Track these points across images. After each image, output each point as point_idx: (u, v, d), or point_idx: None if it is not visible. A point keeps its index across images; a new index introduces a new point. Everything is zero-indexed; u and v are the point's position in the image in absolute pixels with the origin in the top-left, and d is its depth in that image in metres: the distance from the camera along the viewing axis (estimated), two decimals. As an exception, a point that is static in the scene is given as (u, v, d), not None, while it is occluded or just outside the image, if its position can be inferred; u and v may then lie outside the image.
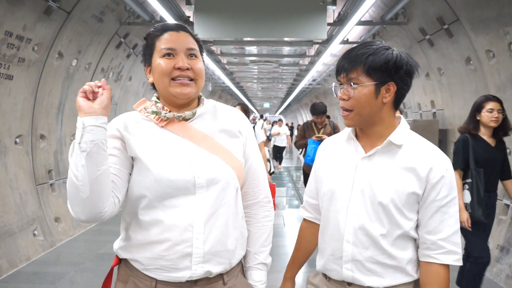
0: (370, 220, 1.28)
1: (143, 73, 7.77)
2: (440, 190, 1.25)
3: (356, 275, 1.30)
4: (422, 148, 1.30)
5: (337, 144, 1.43)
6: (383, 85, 1.26)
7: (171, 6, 5.15)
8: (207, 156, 1.28)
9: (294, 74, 13.10)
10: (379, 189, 1.28)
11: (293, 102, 24.51)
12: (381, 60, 1.24)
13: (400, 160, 1.28)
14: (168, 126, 1.30)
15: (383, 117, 1.30)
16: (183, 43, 1.27)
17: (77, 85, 5.29)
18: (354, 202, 1.31)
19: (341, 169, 1.36)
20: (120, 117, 1.33)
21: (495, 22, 3.89)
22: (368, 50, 1.26)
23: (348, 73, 1.27)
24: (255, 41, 6.84)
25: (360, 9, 4.51)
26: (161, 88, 1.29)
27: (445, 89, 5.41)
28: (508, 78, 3.96)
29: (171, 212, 1.24)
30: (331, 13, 5.47)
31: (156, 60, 1.28)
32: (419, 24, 5.34)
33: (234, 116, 1.39)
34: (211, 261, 1.26)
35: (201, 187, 1.25)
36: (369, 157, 1.31)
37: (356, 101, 1.27)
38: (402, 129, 1.32)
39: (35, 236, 4.39)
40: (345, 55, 1.30)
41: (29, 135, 4.50)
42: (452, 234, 1.27)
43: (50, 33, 4.33)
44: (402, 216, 1.27)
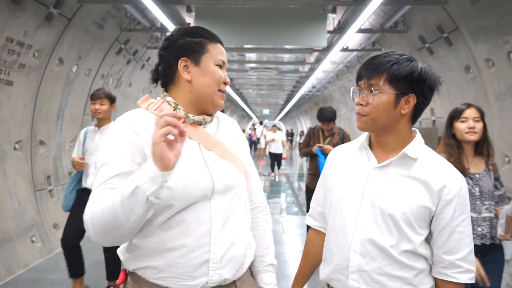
0: (379, 231, 1.27)
1: (143, 79, 7.78)
2: (456, 209, 1.25)
3: (362, 286, 1.29)
4: (437, 163, 1.29)
5: (349, 152, 1.42)
6: (403, 95, 1.25)
7: (172, 13, 5.18)
8: (222, 162, 1.27)
9: (294, 81, 13.13)
10: (391, 200, 1.26)
11: (293, 109, 24.55)
12: (406, 70, 1.24)
13: (414, 173, 1.27)
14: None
15: (399, 129, 1.29)
16: (226, 60, 1.33)
17: (77, 91, 5.30)
18: (364, 212, 1.29)
19: (352, 178, 1.34)
20: (126, 119, 1.24)
21: (495, 31, 3.91)
22: (392, 58, 1.25)
23: (370, 79, 1.26)
24: (255, 48, 6.86)
25: (360, 17, 4.53)
26: (206, 93, 1.27)
27: (445, 97, 5.43)
28: (507, 86, 3.98)
29: (187, 217, 1.20)
30: (331, 21, 5.50)
31: (212, 66, 1.27)
32: (419, 32, 5.37)
33: (235, 125, 1.43)
34: (226, 266, 1.23)
35: (218, 193, 1.24)
36: (381, 168, 1.30)
37: (374, 107, 1.26)
38: (417, 142, 1.30)
39: (33, 242, 4.37)
40: (368, 62, 1.29)
41: (28, 141, 4.50)
42: (469, 254, 1.28)
43: (51, 40, 4.35)
44: (412, 230, 1.26)
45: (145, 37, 6.52)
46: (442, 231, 1.27)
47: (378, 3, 4.02)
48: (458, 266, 1.27)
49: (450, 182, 1.25)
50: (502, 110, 4.15)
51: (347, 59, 8.28)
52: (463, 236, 1.27)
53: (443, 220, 1.26)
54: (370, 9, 4.21)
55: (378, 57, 1.28)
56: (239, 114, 29.41)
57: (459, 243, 1.26)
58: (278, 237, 5.60)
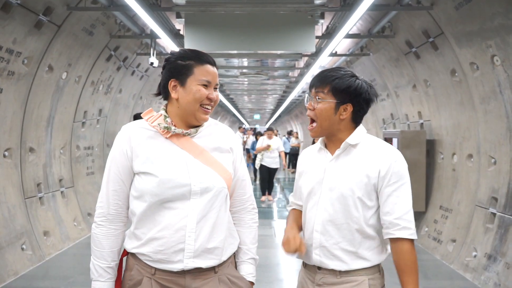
0: (334, 211, 1.55)
1: (133, 86, 7.83)
2: (390, 178, 1.52)
3: (323, 259, 1.56)
4: (374, 145, 1.58)
5: (312, 153, 1.71)
6: (342, 104, 1.55)
7: (162, 20, 5.21)
8: (203, 168, 1.51)
9: (284, 86, 13.18)
10: (341, 183, 1.54)
11: (283, 114, 24.64)
12: (345, 84, 1.54)
13: (357, 156, 1.56)
14: (172, 138, 1.53)
15: (341, 130, 1.59)
16: (215, 79, 1.55)
17: (67, 98, 5.29)
18: (323, 198, 1.58)
19: (315, 173, 1.63)
20: (127, 133, 1.54)
21: (478, 36, 4.00)
22: (336, 74, 1.56)
23: (317, 88, 1.57)
24: (245, 53, 6.91)
25: (347, 23, 4.60)
26: (189, 109, 1.51)
27: (432, 100, 5.52)
28: (492, 89, 4.07)
29: (168, 213, 1.47)
30: (319, 26, 5.57)
31: (195, 86, 1.50)
32: (405, 37, 5.46)
33: (227, 134, 1.63)
34: (200, 256, 1.48)
35: (195, 194, 1.48)
36: (334, 160, 1.59)
37: (319, 113, 1.56)
38: (357, 132, 1.59)
39: (24, 250, 4.33)
40: (318, 74, 1.60)
41: (18, 148, 4.48)
42: (405, 213, 1.51)
43: (40, 47, 4.35)
44: (362, 205, 1.53)
45: (135, 44, 6.53)
46: (382, 197, 1.54)
47: (365, 9, 4.10)
48: (396, 224, 1.51)
49: (385, 157, 1.53)
50: (487, 112, 4.24)
51: (336, 63, 8.36)
52: (398, 200, 1.51)
53: (383, 189, 1.53)
54: (357, 15, 4.28)
55: (326, 71, 1.58)
56: (230, 119, 29.43)
57: (395, 205, 1.51)
58: (270, 241, 5.62)
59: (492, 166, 4.21)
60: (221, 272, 1.53)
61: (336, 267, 1.55)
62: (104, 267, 1.53)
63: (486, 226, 4.17)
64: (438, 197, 5.40)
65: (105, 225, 1.54)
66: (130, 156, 1.52)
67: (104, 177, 1.56)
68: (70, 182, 5.64)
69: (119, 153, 1.53)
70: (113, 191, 1.53)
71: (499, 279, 3.76)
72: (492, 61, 3.93)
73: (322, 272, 1.58)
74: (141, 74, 7.49)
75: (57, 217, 5.13)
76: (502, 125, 4.00)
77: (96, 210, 1.56)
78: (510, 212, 3.85)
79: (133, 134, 1.53)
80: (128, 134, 1.53)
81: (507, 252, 3.78)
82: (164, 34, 5.18)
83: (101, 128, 6.64)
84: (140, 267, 1.51)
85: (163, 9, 4.91)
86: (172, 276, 1.48)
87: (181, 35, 5.72)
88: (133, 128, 1.55)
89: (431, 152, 5.65)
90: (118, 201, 1.54)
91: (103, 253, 1.53)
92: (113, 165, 1.54)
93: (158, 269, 1.48)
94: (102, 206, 1.55)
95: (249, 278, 1.61)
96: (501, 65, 3.83)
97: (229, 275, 1.54)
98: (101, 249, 1.53)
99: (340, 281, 1.55)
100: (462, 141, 4.84)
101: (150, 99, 8.61)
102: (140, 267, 1.51)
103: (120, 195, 1.54)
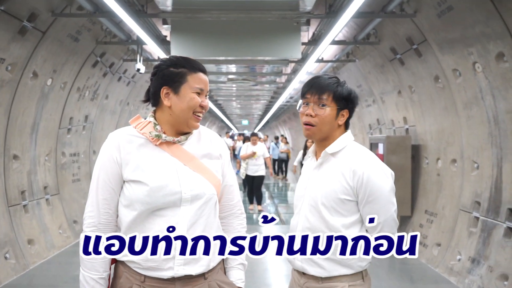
0: (313, 219, 1.60)
1: (120, 92, 7.78)
2: (365, 189, 1.55)
3: (305, 266, 1.62)
4: (353, 156, 1.61)
5: (307, 161, 1.78)
6: (341, 110, 1.62)
7: (148, 26, 5.20)
8: (193, 175, 1.51)
9: (272, 92, 13.23)
10: (319, 193, 1.60)
11: (272, 119, 24.70)
12: (346, 91, 1.62)
13: (335, 166, 1.61)
14: (161, 146, 1.52)
15: (335, 136, 1.64)
16: (207, 86, 1.55)
17: (52, 104, 5.24)
18: (305, 207, 1.65)
19: (302, 181, 1.72)
20: (115, 140, 1.52)
21: (460, 43, 4.08)
22: (335, 81, 1.63)
23: (320, 95, 1.60)
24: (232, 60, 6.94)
25: (333, 29, 4.65)
26: (182, 117, 1.51)
27: (416, 106, 5.60)
28: (474, 95, 4.15)
29: (158, 220, 1.46)
30: (305, 33, 5.62)
31: (189, 93, 1.50)
32: (390, 44, 5.54)
33: (215, 140, 1.63)
34: (190, 263, 1.47)
35: (186, 201, 1.48)
36: (317, 168, 1.66)
37: (322, 119, 1.60)
38: (339, 140, 1.64)
39: (7, 259, 4.26)
40: (314, 81, 1.64)
41: (1, 155, 4.42)
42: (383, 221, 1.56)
43: (25, 53, 4.31)
44: (338, 213, 1.57)
45: (121, 50, 6.50)
46: (360, 206, 1.58)
47: (350, 16, 4.15)
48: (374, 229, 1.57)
49: (360, 168, 1.55)
50: (469, 118, 4.32)
51: (323, 69, 8.43)
52: (373, 211, 1.56)
53: (359, 199, 1.57)
54: (342, 22, 4.33)
55: (322, 78, 1.64)
56: (218, 125, 29.38)
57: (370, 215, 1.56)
58: (257, 247, 5.61)
59: (475, 170, 4.29)
60: (211, 278, 1.52)
61: (317, 273, 1.59)
62: (96, 278, 1.48)
63: (470, 230, 4.23)
64: (423, 201, 5.47)
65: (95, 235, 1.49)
66: (120, 163, 1.49)
67: (92, 185, 1.53)
68: (55, 189, 5.57)
69: (108, 160, 1.50)
70: (103, 200, 1.50)
71: (482, 282, 3.81)
72: (474, 67, 4.01)
73: (306, 277, 1.63)
74: (128, 80, 7.45)
75: (42, 225, 5.06)
76: (484, 130, 4.08)
77: (85, 220, 1.52)
78: (493, 216, 3.92)
79: (122, 141, 1.51)
80: (117, 141, 1.51)
81: (489, 255, 3.84)
82: (150, 40, 5.17)
83: (87, 135, 6.58)
84: (129, 275, 1.49)
85: (149, 16, 4.90)
86: (162, 283, 1.47)
87: (168, 41, 5.72)
88: (121, 135, 1.53)
89: (416, 157, 5.72)
90: (108, 210, 1.50)
91: (94, 264, 1.48)
92: (102, 173, 1.50)
93: (147, 276, 1.47)
94: (92, 216, 1.50)
95: (239, 283, 1.61)
96: (482, 72, 3.91)
97: (219, 281, 1.54)
98: (93, 260, 1.48)
99: (321, 286, 1.60)
100: (446, 146, 4.92)
101: (137, 105, 8.57)
102: (129, 274, 1.49)
103: (110, 203, 1.50)
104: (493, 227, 3.89)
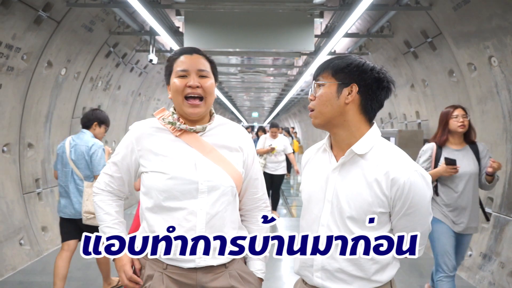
0: (339, 231, 1.33)
1: (132, 82, 7.81)
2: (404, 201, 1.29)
3: (326, 283, 1.36)
4: (387, 157, 1.31)
5: (316, 155, 1.48)
6: (346, 86, 1.31)
7: (161, 17, 5.21)
8: (211, 166, 1.51)
9: (283, 84, 13.19)
10: (346, 202, 1.32)
11: (282, 112, 24.65)
12: (344, 62, 1.33)
13: (365, 170, 1.31)
14: (182, 136, 1.53)
15: (348, 121, 1.33)
16: (195, 65, 1.51)
17: (66, 94, 5.30)
18: (325, 214, 1.36)
19: (316, 180, 1.41)
20: (136, 129, 1.56)
21: (476, 37, 4.02)
22: (337, 58, 1.36)
23: (317, 76, 1.37)
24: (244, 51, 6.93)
25: (346, 22, 4.62)
26: (176, 105, 1.54)
27: (429, 100, 5.54)
28: (489, 90, 4.09)
29: (176, 213, 1.47)
30: (318, 25, 5.58)
31: (173, 80, 1.51)
32: (404, 37, 5.48)
33: (237, 133, 1.61)
34: (212, 255, 1.48)
35: (202, 192, 1.48)
36: (339, 169, 1.35)
37: (318, 99, 1.34)
38: (367, 137, 1.33)
39: (22, 245, 4.35)
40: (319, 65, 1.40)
41: (16, 143, 4.49)
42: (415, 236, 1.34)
43: (40, 42, 4.35)
44: (368, 229, 1.31)
45: (134, 40, 6.53)
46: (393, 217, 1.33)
47: (364, 8, 4.11)
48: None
49: (400, 176, 1.27)
50: (484, 113, 4.27)
51: (335, 62, 8.37)
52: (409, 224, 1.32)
53: (395, 211, 1.31)
54: (356, 14, 4.30)
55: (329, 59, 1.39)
56: (228, 117, 29.43)
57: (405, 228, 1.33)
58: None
59: (488, 166, 4.23)
60: (232, 268, 1.54)
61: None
62: (111, 224, 1.55)
63: (482, 226, 4.20)
64: (434, 196, 5.43)
65: (103, 193, 1.60)
66: (138, 154, 1.54)
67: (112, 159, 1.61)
68: (68, 178, 5.64)
69: (126, 149, 1.56)
70: (116, 173, 1.59)
71: (493, 278, 3.79)
72: (490, 62, 3.95)
73: None
74: (140, 71, 7.49)
75: (55, 213, 5.13)
76: (498, 125, 4.03)
77: (97, 181, 1.62)
78: (506, 212, 3.89)
79: (143, 133, 1.55)
80: (138, 133, 1.55)
81: (501, 251, 3.81)
82: (163, 31, 5.18)
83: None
84: (151, 263, 1.52)
85: (163, 6, 4.91)
86: (183, 271, 1.49)
87: (181, 33, 5.73)
88: (143, 127, 1.57)
89: (428, 151, 5.67)
90: (117, 182, 1.59)
91: (106, 213, 1.57)
92: (121, 158, 1.57)
93: (169, 264, 1.50)
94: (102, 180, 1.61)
95: (259, 274, 1.61)
96: (498, 66, 3.85)
97: (240, 270, 1.55)
98: (103, 210, 1.57)
99: None
100: (459, 141, 4.86)
101: (149, 96, 8.61)
102: (152, 262, 1.52)
103: (122, 179, 1.59)
104: (505, 223, 3.86)
